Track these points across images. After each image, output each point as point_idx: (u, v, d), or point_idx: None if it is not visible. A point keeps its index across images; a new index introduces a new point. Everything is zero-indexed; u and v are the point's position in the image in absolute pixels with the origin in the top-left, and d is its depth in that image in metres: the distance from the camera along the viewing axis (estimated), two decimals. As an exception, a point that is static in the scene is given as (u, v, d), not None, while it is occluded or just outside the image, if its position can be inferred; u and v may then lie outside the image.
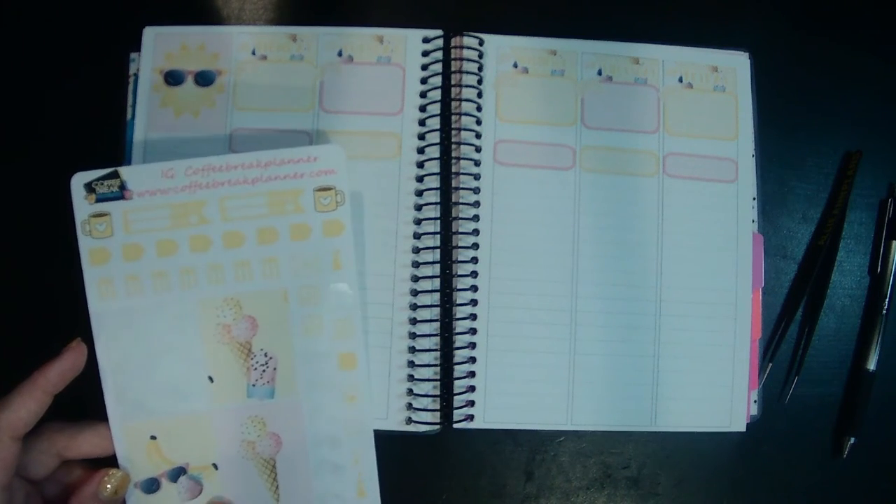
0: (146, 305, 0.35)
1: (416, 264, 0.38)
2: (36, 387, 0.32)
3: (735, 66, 0.41)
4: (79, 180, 0.35)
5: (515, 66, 0.40)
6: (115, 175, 0.35)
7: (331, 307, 0.36)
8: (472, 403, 0.38)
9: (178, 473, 0.35)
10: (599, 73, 0.41)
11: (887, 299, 0.40)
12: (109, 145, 0.39)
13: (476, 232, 0.39)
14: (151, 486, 0.35)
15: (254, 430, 0.36)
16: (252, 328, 0.35)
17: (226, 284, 0.35)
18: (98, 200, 0.35)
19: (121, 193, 0.35)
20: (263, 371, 0.35)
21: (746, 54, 0.41)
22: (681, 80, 0.41)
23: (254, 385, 0.35)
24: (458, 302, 0.38)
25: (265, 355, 0.35)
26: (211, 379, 0.35)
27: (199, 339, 0.35)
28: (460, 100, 0.40)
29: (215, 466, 0.35)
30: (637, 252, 0.39)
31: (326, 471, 0.36)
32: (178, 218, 0.35)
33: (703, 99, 0.41)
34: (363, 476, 0.36)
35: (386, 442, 0.37)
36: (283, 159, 0.35)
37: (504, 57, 0.40)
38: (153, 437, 0.35)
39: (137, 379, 0.35)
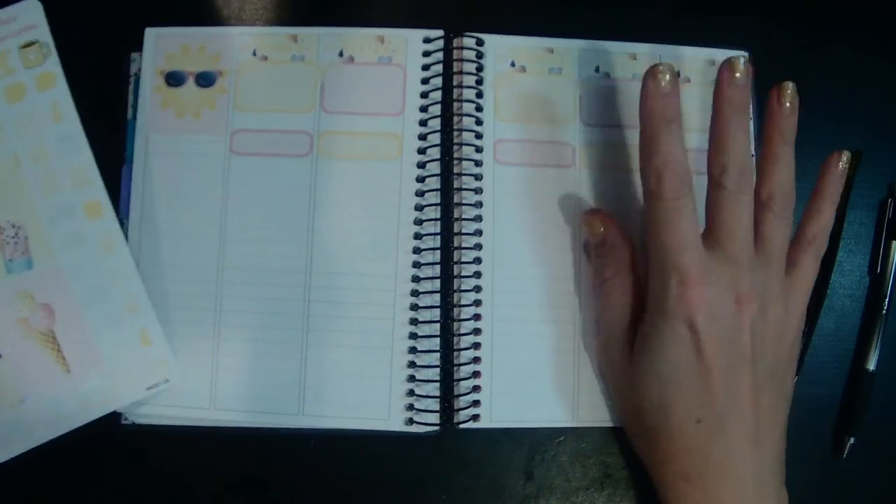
0: None
1: (417, 265, 0.38)
2: None
3: None
4: None
5: (513, 64, 0.40)
6: None
7: (62, 159, 0.36)
8: (477, 403, 0.38)
9: None
10: (597, 70, 0.41)
11: (887, 299, 0.40)
12: (111, 145, 0.39)
13: (479, 232, 0.39)
14: None
15: (24, 306, 0.35)
16: None
17: None
18: None
19: None
20: (16, 243, 0.35)
21: (746, 54, 0.41)
22: (679, 75, 0.41)
23: (11, 260, 0.35)
24: (461, 302, 0.38)
25: (13, 226, 0.35)
26: None
27: None
28: (461, 100, 0.40)
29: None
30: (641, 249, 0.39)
31: (106, 326, 0.36)
32: None
33: (702, 93, 0.41)
34: (144, 324, 0.36)
35: (386, 442, 0.37)
36: None
37: (501, 56, 0.40)
38: None
39: None
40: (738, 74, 0.33)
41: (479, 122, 0.40)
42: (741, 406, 0.32)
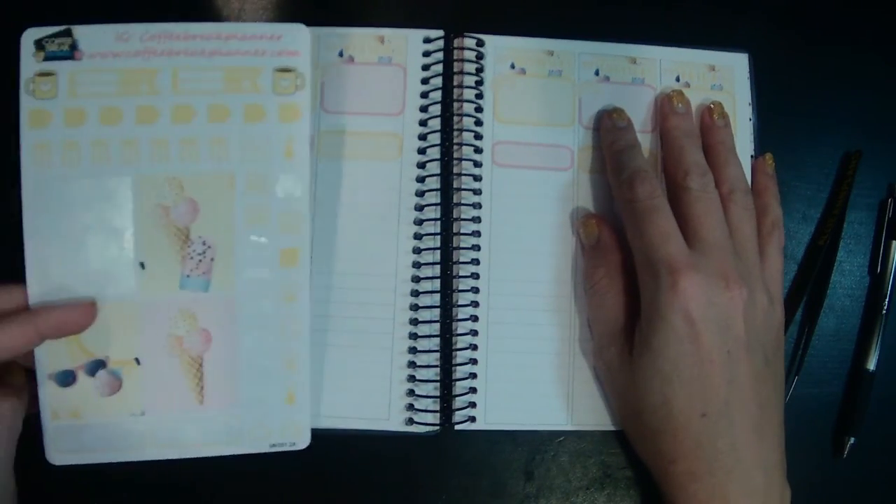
0: (82, 176, 0.33)
1: (417, 265, 0.38)
2: (31, 322, 0.30)
3: (732, 64, 0.41)
4: (29, 36, 0.33)
5: (513, 66, 0.40)
6: (69, 33, 0.33)
7: (278, 198, 0.34)
8: (473, 405, 0.38)
9: (96, 367, 0.33)
10: (597, 73, 0.41)
11: (887, 299, 0.40)
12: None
13: (477, 233, 0.39)
14: (67, 378, 0.33)
15: (183, 324, 0.34)
16: (193, 212, 0.33)
17: (169, 162, 0.33)
18: (46, 59, 0.33)
19: (71, 53, 0.33)
20: (200, 261, 0.33)
21: (746, 55, 0.41)
22: (678, 79, 0.41)
23: (188, 276, 0.33)
24: (459, 302, 0.38)
25: (203, 244, 0.33)
26: (143, 265, 0.33)
27: (134, 219, 0.33)
28: (461, 101, 0.40)
29: (137, 361, 0.34)
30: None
31: (256, 373, 0.34)
32: (128, 85, 0.33)
33: (701, 98, 0.41)
34: (295, 382, 0.34)
35: (386, 442, 0.37)
36: (246, 34, 0.33)
37: (501, 58, 0.40)
38: None
39: (64, 257, 0.33)
40: (678, 104, 0.38)
41: (478, 123, 0.40)
42: (744, 394, 0.33)
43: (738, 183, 0.37)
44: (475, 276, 0.39)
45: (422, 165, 0.39)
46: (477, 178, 0.39)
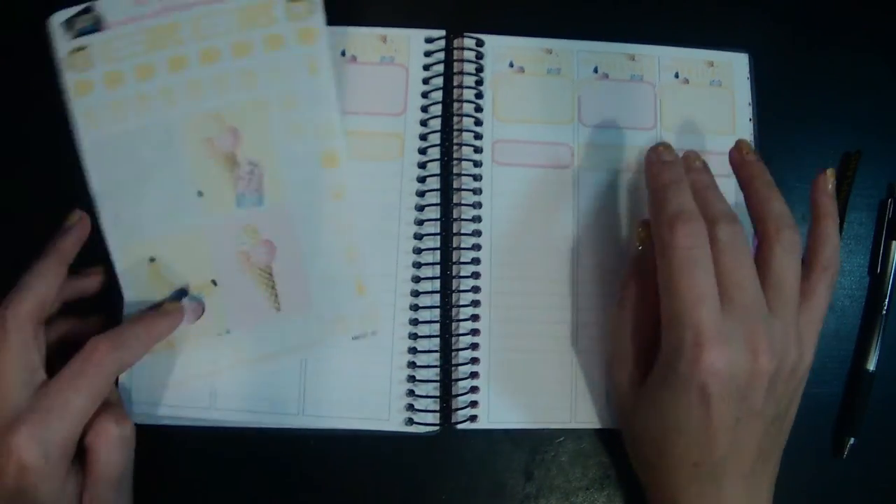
0: (132, 129, 0.36)
1: (417, 265, 0.38)
2: (154, 335, 0.35)
3: (731, 60, 0.41)
4: (57, 19, 0.36)
5: (511, 65, 0.40)
6: (90, 10, 0.36)
7: (309, 109, 0.37)
8: (475, 404, 0.38)
9: (179, 296, 0.37)
10: (595, 70, 0.41)
11: (887, 299, 0.40)
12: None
13: (477, 233, 0.39)
14: None
15: (247, 239, 0.37)
16: (235, 139, 0.37)
17: (206, 100, 0.37)
18: (77, 36, 0.36)
19: (97, 26, 0.36)
20: (250, 179, 0.37)
21: (746, 55, 0.41)
22: (677, 75, 0.41)
23: (242, 194, 0.37)
24: (459, 302, 0.38)
25: (249, 163, 0.37)
26: (200, 193, 0.37)
27: (184, 156, 0.37)
28: (461, 100, 0.40)
29: (214, 283, 0.37)
30: (637, 250, 0.39)
31: (323, 271, 0.37)
32: (155, 42, 0.37)
33: (700, 94, 0.41)
34: (360, 273, 0.37)
35: (386, 442, 0.37)
36: None
37: (500, 56, 0.40)
38: (152, 260, 0.37)
39: (131, 201, 0.36)
40: (696, 162, 0.35)
41: (478, 123, 0.40)
42: (743, 452, 0.32)
43: (784, 220, 0.33)
44: (476, 275, 0.39)
45: (422, 165, 0.39)
46: (477, 178, 0.39)
